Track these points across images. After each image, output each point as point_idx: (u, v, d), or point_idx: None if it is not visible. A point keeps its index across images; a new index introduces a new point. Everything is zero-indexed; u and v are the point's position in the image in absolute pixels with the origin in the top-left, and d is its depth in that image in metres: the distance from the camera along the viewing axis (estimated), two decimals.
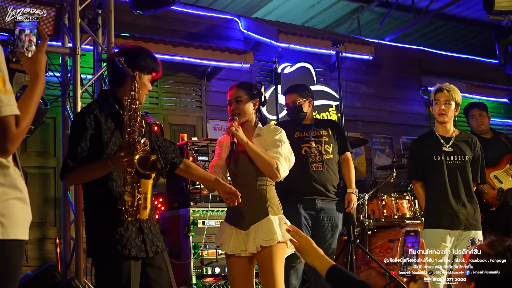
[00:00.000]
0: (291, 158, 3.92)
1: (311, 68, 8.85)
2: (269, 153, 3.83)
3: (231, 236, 3.82)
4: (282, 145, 3.88)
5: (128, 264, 3.08)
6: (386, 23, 10.02)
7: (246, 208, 3.79)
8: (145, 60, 3.29)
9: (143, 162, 2.97)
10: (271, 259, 3.73)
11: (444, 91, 4.69)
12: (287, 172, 3.88)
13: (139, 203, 2.99)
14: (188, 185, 5.22)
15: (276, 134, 3.92)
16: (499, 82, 10.23)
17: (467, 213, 4.56)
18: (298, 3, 9.25)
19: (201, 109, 8.07)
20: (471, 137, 4.81)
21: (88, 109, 3.22)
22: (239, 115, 3.93)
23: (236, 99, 3.95)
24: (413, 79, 10.16)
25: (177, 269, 5.18)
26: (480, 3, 8.59)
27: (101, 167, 3.05)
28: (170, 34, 7.80)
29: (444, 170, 4.62)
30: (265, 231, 3.72)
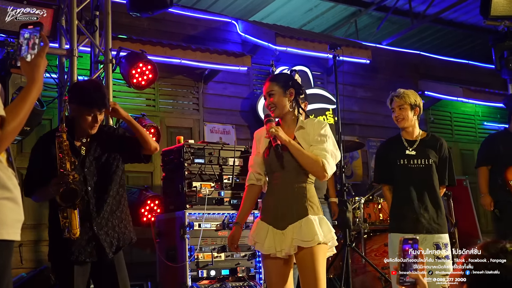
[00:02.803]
0: (337, 153, 3.67)
1: (308, 71, 8.85)
2: (314, 150, 3.62)
3: (266, 235, 3.63)
4: (327, 141, 3.63)
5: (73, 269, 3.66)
6: (384, 27, 10.05)
7: (284, 206, 3.61)
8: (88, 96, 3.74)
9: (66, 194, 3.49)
10: (312, 260, 3.51)
11: (395, 98, 4.67)
12: (334, 169, 3.63)
13: (66, 225, 3.53)
14: (185, 188, 5.21)
15: (321, 128, 3.68)
16: (495, 87, 10.26)
17: (429, 217, 4.54)
18: (296, 7, 9.27)
19: (198, 111, 8.07)
20: (438, 139, 4.78)
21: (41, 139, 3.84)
22: (275, 109, 3.74)
23: (269, 93, 3.76)
24: (410, 83, 10.15)
25: (172, 271, 5.18)
26: (476, 9, 8.62)
27: (47, 193, 3.61)
28: (168, 37, 7.80)
29: (407, 174, 4.60)
30: (305, 232, 3.51)
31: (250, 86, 8.54)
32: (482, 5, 8.18)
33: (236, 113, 8.33)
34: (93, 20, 5.84)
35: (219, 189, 5.37)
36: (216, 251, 5.19)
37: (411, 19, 9.68)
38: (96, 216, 3.70)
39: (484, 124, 10.95)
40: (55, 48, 5.70)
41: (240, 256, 5.28)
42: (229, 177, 5.43)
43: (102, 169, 3.82)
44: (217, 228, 5.25)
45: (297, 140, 3.67)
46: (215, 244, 5.22)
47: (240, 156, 5.54)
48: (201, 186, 5.28)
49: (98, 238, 3.69)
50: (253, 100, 8.39)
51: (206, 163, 5.37)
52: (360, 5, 9.49)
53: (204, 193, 5.26)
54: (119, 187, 3.86)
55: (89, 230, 3.67)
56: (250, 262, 5.32)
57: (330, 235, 3.57)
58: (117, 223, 3.81)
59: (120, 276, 3.78)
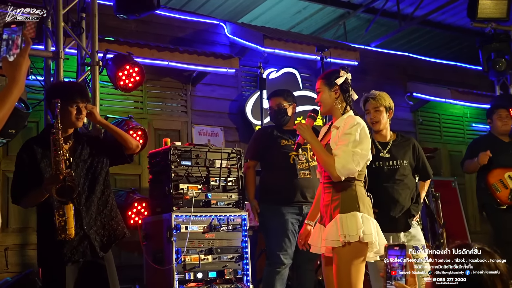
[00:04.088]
0: (362, 152, 3.60)
1: (296, 73, 8.85)
2: (335, 150, 3.63)
3: (319, 236, 3.72)
4: (349, 140, 3.60)
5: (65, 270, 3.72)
6: (372, 29, 10.07)
7: (325, 206, 3.70)
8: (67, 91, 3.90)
9: (63, 190, 3.54)
10: (339, 263, 3.53)
11: (370, 100, 4.67)
12: (352, 170, 3.57)
13: (61, 224, 3.55)
14: (171, 190, 5.19)
15: (348, 127, 3.66)
16: (483, 89, 10.29)
17: (405, 217, 4.57)
18: (285, 9, 9.27)
19: (186, 114, 8.05)
20: (410, 140, 4.82)
21: (24, 144, 3.91)
22: (321, 107, 3.85)
23: (317, 91, 3.88)
24: (399, 85, 10.19)
25: (159, 274, 5.16)
26: (464, 11, 8.68)
27: (39, 194, 3.69)
28: (155, 39, 7.78)
29: (382, 176, 4.62)
30: (332, 232, 3.55)
31: (238, 88, 8.53)
32: (469, 7, 8.24)
33: (225, 115, 8.32)
34: (79, 22, 5.81)
35: (206, 191, 5.35)
36: (203, 254, 5.18)
37: (399, 21, 9.70)
38: (86, 215, 3.81)
39: (473, 125, 10.98)
40: (40, 50, 5.67)
41: (227, 258, 5.26)
42: (216, 179, 5.41)
43: (88, 171, 3.94)
44: (204, 230, 5.23)
45: (331, 139, 3.71)
46: (202, 246, 5.20)
47: (227, 158, 5.53)
48: (188, 188, 5.26)
49: (89, 237, 3.79)
50: (242, 102, 8.38)
51: (193, 165, 5.35)
52: (348, 7, 9.50)
53: (191, 195, 5.23)
54: (104, 188, 4.00)
55: (79, 230, 3.75)
56: (237, 265, 5.31)
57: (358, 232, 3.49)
58: (106, 221, 3.94)
59: (110, 276, 3.88)
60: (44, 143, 3.81)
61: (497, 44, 8.30)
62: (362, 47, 9.86)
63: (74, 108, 3.85)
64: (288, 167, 5.25)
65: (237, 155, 5.55)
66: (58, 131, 3.65)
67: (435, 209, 7.44)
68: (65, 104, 3.80)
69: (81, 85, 4.05)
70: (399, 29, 9.84)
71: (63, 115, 3.78)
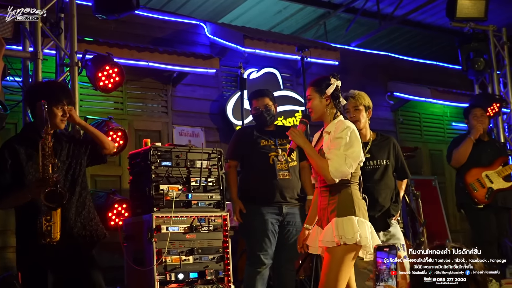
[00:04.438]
0: (353, 155, 3.70)
1: (277, 73, 8.86)
2: (327, 153, 3.72)
3: (316, 237, 3.84)
4: (342, 144, 3.70)
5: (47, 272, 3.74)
6: (352, 29, 10.11)
7: (322, 209, 3.81)
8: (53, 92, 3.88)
9: (51, 195, 3.50)
10: (331, 260, 3.65)
11: (350, 99, 4.69)
12: (345, 172, 3.68)
13: (47, 229, 3.52)
14: (152, 191, 5.16)
15: (339, 131, 3.75)
16: (463, 88, 10.38)
17: (385, 217, 4.61)
18: (265, 9, 9.28)
19: (166, 114, 8.03)
20: (389, 139, 4.84)
21: (6, 144, 3.85)
22: (312, 113, 3.92)
23: (308, 98, 3.95)
24: (379, 84, 10.24)
25: (140, 275, 5.13)
26: (443, 11, 8.73)
27: (22, 196, 3.64)
28: (135, 39, 7.75)
29: (364, 176, 4.63)
30: (328, 233, 3.65)
31: (219, 88, 8.52)
32: (448, 7, 8.30)
33: (205, 116, 8.31)
34: (58, 23, 5.75)
35: (186, 192, 5.32)
36: (184, 254, 5.15)
37: (379, 20, 9.75)
38: (66, 217, 3.79)
39: (452, 124, 11.08)
40: (18, 51, 5.61)
41: (208, 259, 5.25)
42: (196, 179, 5.39)
43: (67, 172, 3.93)
44: (185, 231, 5.20)
45: (323, 144, 3.81)
46: (183, 247, 5.17)
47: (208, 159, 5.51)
48: (168, 189, 5.24)
49: (71, 239, 3.79)
50: (222, 102, 8.37)
51: (174, 165, 5.32)
52: (329, 7, 9.53)
53: (172, 196, 5.20)
54: (82, 189, 3.99)
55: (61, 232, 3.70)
56: (218, 265, 5.29)
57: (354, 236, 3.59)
58: (86, 222, 3.95)
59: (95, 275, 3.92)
60: (28, 144, 3.78)
61: (475, 43, 8.37)
62: (343, 47, 9.90)
63: (60, 110, 3.83)
64: (267, 168, 5.25)
65: (217, 156, 5.54)
66: (48, 135, 3.61)
67: (415, 207, 7.49)
68: (50, 105, 3.77)
69: (64, 85, 4.03)
70: (379, 28, 9.89)
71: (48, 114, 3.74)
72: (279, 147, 5.32)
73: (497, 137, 8.58)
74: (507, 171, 6.49)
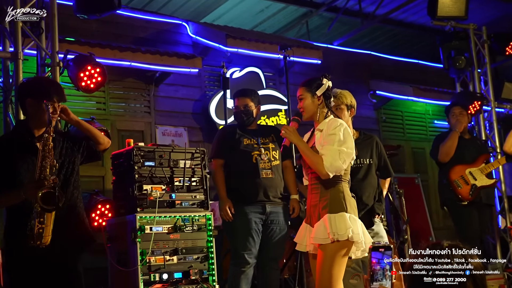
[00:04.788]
0: (347, 151, 3.77)
1: (260, 72, 8.86)
2: (321, 150, 3.77)
3: (304, 235, 3.87)
4: (336, 140, 3.76)
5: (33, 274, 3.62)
6: (335, 28, 10.14)
7: (312, 206, 3.85)
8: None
9: (47, 197, 3.41)
10: (324, 257, 3.68)
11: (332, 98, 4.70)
12: (339, 167, 3.74)
13: (39, 231, 3.44)
14: (135, 191, 5.14)
15: (332, 128, 3.81)
16: (445, 86, 10.45)
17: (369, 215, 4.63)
18: (247, 8, 9.28)
19: (149, 114, 8.00)
20: (371, 137, 4.87)
21: None
22: (303, 113, 3.97)
23: (299, 98, 4.00)
24: (362, 83, 10.28)
25: (124, 276, 5.11)
26: (424, 9, 8.80)
27: (14, 197, 3.54)
28: (117, 39, 7.71)
29: None
30: (321, 230, 3.69)
31: (202, 88, 8.51)
32: (429, 6, 8.36)
33: (188, 116, 8.29)
34: (38, 22, 5.69)
35: (170, 191, 5.31)
36: (168, 254, 5.13)
37: (361, 19, 9.79)
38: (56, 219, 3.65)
39: (435, 122, 11.16)
40: None
41: (192, 258, 5.24)
42: (180, 179, 5.37)
43: (59, 172, 3.81)
44: (168, 231, 5.18)
45: (315, 141, 3.86)
46: (167, 247, 5.15)
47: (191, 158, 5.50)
48: (151, 189, 5.22)
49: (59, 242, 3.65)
50: (205, 102, 8.35)
51: (157, 165, 5.30)
52: (311, 6, 9.56)
53: (155, 196, 5.19)
54: (74, 189, 3.90)
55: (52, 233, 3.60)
56: (203, 265, 5.28)
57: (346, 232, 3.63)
58: (76, 225, 3.87)
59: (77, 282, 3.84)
60: (19, 143, 3.69)
61: (456, 42, 8.43)
62: (325, 45, 9.93)
63: (51, 107, 3.72)
64: (250, 167, 5.24)
65: (201, 155, 5.52)
66: (50, 136, 3.54)
67: (399, 205, 7.53)
68: (40, 102, 3.69)
69: (56, 82, 3.94)
70: (361, 27, 9.93)
71: (37, 114, 3.69)
72: (261, 146, 5.32)
73: (478, 135, 8.65)
74: (490, 168, 6.56)
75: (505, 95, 9.17)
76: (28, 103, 3.73)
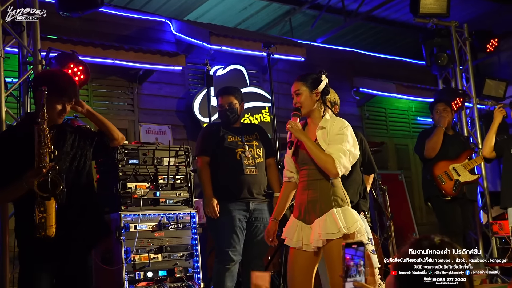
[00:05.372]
0: (355, 152, 3.82)
1: (243, 70, 8.87)
2: (329, 148, 3.76)
3: (296, 230, 3.83)
4: (345, 140, 3.77)
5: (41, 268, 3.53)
6: (318, 25, 10.16)
7: (310, 202, 3.81)
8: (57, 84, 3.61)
9: (44, 185, 3.31)
10: (339, 252, 3.58)
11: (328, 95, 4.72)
12: (348, 167, 3.79)
13: (42, 221, 3.33)
14: (119, 189, 5.13)
15: (339, 128, 3.82)
16: (428, 83, 10.52)
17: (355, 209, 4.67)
18: (230, 6, 9.27)
19: (133, 112, 7.98)
20: (356, 133, 4.88)
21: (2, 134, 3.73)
22: (301, 109, 3.91)
23: (296, 93, 3.93)
24: (345, 80, 10.32)
25: (109, 274, 5.10)
26: (407, 7, 8.84)
27: (18, 188, 3.44)
28: (100, 37, 7.67)
29: None
30: (330, 225, 3.68)
31: (185, 86, 8.50)
32: (412, 3, 8.41)
33: (172, 113, 8.28)
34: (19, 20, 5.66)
35: (154, 189, 5.31)
36: (152, 253, 5.14)
37: (344, 17, 9.82)
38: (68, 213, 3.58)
39: (417, 119, 11.23)
40: None
41: (177, 256, 5.24)
42: (164, 177, 5.37)
43: (71, 164, 3.73)
44: (153, 229, 5.19)
45: (318, 139, 3.82)
46: (152, 245, 5.16)
47: (175, 156, 5.50)
48: (136, 187, 5.21)
49: (70, 237, 3.56)
50: (189, 100, 8.34)
51: (141, 163, 5.30)
52: (294, 3, 9.57)
53: (139, 194, 5.19)
54: (87, 182, 3.83)
55: (60, 229, 3.48)
56: (188, 263, 5.29)
57: (354, 225, 3.70)
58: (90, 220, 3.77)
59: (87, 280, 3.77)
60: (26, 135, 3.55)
61: (439, 39, 8.49)
62: (309, 43, 9.95)
63: (60, 105, 3.63)
64: (234, 164, 5.24)
65: (185, 153, 5.53)
66: (44, 121, 3.42)
67: (382, 202, 7.57)
68: (52, 98, 3.57)
69: (74, 83, 3.79)
70: (344, 25, 9.96)
71: (47, 106, 3.53)
72: (245, 144, 5.32)
73: (460, 131, 8.72)
74: (473, 164, 6.62)
75: (487, 91, 9.24)
76: (39, 95, 3.57)
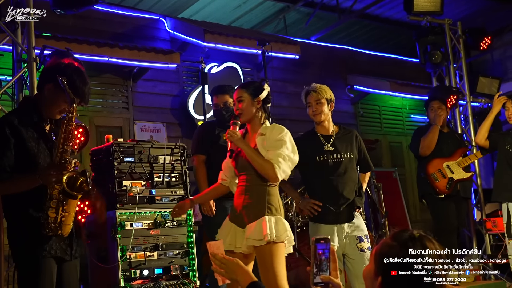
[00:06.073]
0: (294, 158, 3.89)
1: (238, 68, 8.87)
2: (268, 154, 3.82)
3: (229, 233, 3.93)
4: (283, 146, 3.84)
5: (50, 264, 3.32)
6: (312, 23, 10.17)
7: (245, 207, 3.90)
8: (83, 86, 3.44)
9: (71, 182, 3.17)
10: (266, 258, 3.76)
11: (311, 93, 4.71)
12: (287, 173, 3.86)
13: (62, 220, 3.18)
14: (115, 187, 5.12)
15: (278, 134, 3.88)
16: (421, 81, 10.54)
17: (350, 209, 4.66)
18: (225, 3, 9.26)
19: (128, 110, 7.96)
20: (352, 132, 4.89)
21: (5, 120, 3.35)
22: (241, 115, 3.99)
23: (238, 99, 4.01)
24: (339, 78, 10.33)
25: (104, 272, 5.09)
26: (401, 4, 8.86)
27: (29, 181, 3.21)
28: (95, 35, 7.65)
29: (328, 169, 4.66)
30: (257, 232, 3.75)
31: (180, 83, 8.49)
32: (406, 1, 8.43)
33: (167, 111, 8.27)
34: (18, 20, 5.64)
35: (150, 187, 5.30)
36: (148, 250, 5.13)
37: (338, 14, 9.84)
38: None
39: (411, 116, 11.26)
40: None
41: (173, 254, 5.24)
42: (160, 175, 5.37)
43: None
44: (149, 227, 5.18)
45: (257, 145, 3.89)
46: (148, 243, 5.15)
47: (171, 154, 5.49)
48: (131, 185, 5.20)
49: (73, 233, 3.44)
50: (183, 97, 8.34)
51: (136, 161, 5.29)
52: (288, 1, 9.58)
53: (135, 192, 5.18)
54: None
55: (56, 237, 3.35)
56: (183, 260, 5.28)
57: (284, 234, 3.78)
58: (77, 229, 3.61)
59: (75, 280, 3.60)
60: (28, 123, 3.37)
61: (432, 37, 8.50)
62: (303, 40, 9.96)
63: (66, 105, 3.40)
64: None
65: (180, 151, 5.52)
66: (73, 116, 3.26)
67: (377, 199, 7.59)
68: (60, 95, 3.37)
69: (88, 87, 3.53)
70: (338, 22, 9.98)
71: (54, 100, 3.38)
72: None
73: (454, 129, 8.74)
74: (467, 162, 6.63)
75: (480, 89, 9.27)
76: (48, 88, 3.42)
